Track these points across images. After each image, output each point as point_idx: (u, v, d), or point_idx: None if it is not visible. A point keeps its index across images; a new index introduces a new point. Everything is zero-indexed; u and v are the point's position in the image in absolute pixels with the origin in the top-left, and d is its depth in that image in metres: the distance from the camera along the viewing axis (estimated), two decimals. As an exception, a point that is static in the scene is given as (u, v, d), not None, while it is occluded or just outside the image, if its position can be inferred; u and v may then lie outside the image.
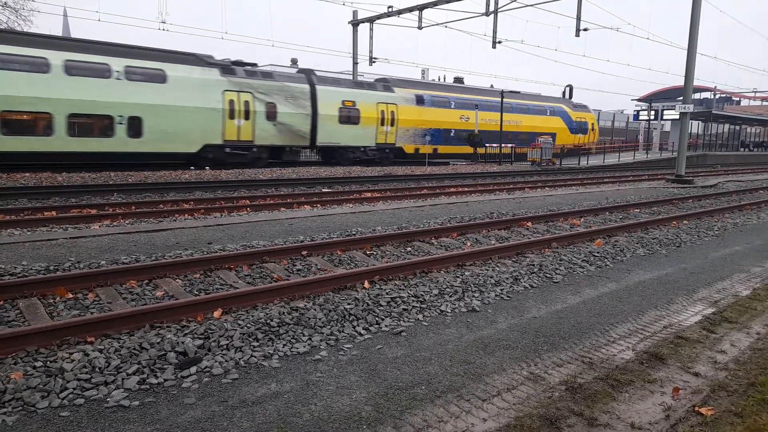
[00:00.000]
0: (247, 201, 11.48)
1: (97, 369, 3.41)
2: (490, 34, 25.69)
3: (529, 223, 9.33)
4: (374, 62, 31.04)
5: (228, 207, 10.49)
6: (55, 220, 8.56)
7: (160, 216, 9.41)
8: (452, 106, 28.71)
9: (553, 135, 32.48)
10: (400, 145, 26.71)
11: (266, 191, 14.05)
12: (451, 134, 28.76)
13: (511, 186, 16.72)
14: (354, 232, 8.24)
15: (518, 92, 34.11)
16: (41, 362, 3.48)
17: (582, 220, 10.17)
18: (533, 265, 6.57)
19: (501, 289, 5.60)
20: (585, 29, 22.68)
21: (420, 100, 27.38)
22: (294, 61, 49.70)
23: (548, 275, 6.23)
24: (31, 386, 3.17)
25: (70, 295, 4.92)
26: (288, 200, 11.83)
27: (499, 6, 24.72)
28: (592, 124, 37.90)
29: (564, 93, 38.06)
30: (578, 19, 22.57)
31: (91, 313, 4.55)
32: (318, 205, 11.36)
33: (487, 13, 24.93)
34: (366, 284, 5.46)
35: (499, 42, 25.73)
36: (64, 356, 3.58)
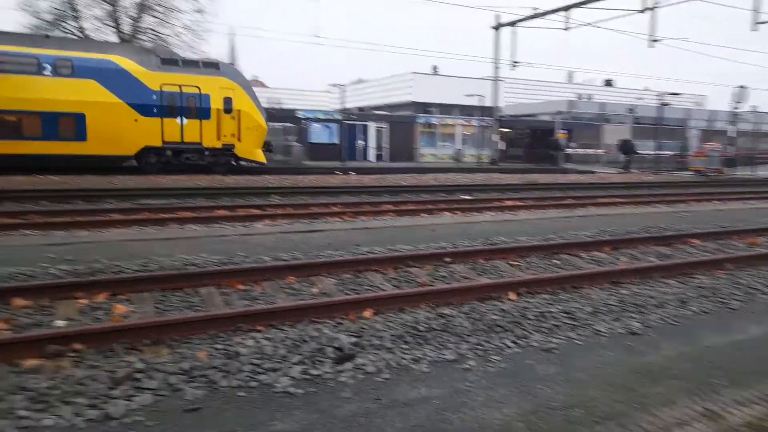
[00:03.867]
0: (391, 206, 11.86)
1: (266, 356, 3.76)
2: (646, 31, 23.65)
3: (696, 241, 8.39)
4: (516, 66, 30.30)
5: (373, 211, 10.93)
6: (226, 218, 9.60)
7: (313, 218, 10.10)
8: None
9: None
10: None
11: (407, 197, 14.39)
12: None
13: (672, 198, 15.19)
14: (497, 241, 8.09)
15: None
16: (221, 345, 3.92)
17: (762, 239, 8.89)
18: (703, 287, 5.89)
19: (665, 312, 5.10)
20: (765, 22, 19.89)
21: None
22: (435, 69, 50.38)
23: (723, 300, 5.54)
24: (213, 365, 3.59)
25: (241, 287, 5.48)
26: (428, 206, 11.99)
27: (656, 1, 22.68)
28: None
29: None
30: (756, 10, 19.87)
31: (260, 304, 5.01)
32: (458, 212, 11.35)
33: (642, 10, 23.01)
34: (512, 296, 5.32)
35: (657, 40, 23.59)
36: (238, 341, 4.00)
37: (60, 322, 4.39)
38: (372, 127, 32.68)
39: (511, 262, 6.86)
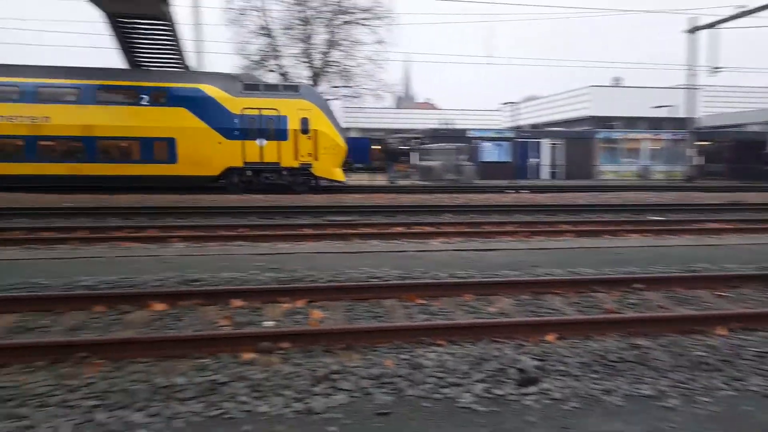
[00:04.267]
0: (569, 226, 11.26)
1: (448, 370, 3.84)
2: None
3: None
4: (718, 72, 26.77)
5: (549, 231, 10.50)
6: (403, 234, 10.04)
7: (486, 236, 10.04)
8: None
9: None
10: None
11: (587, 217, 13.52)
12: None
13: None
14: (697, 268, 7.18)
15: None
16: (405, 355, 4.11)
17: None
18: None
19: None
20: None
21: None
22: (616, 80, 46.90)
23: None
24: (399, 374, 3.77)
25: (420, 301, 5.67)
26: (611, 227, 11.11)
27: None
28: None
29: None
30: None
31: (439, 319, 5.14)
32: (648, 234, 10.33)
33: None
34: (722, 331, 4.67)
35: None
36: (421, 353, 4.15)
37: (268, 323, 5.01)
38: (546, 143, 31.51)
39: (717, 293, 6.03)
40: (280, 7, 29.36)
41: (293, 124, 19.10)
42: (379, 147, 32.29)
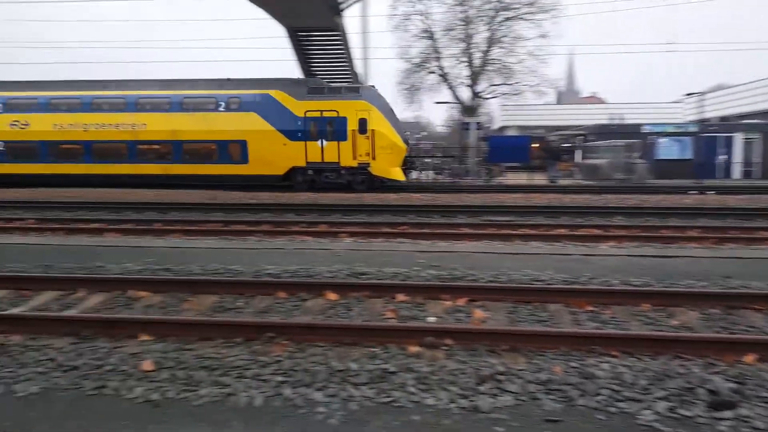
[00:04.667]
0: (769, 233, 9.71)
1: (625, 384, 3.57)
2: None
3: None
4: None
5: (743, 238, 9.16)
6: (567, 237, 9.55)
7: (665, 242, 9.11)
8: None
9: None
10: None
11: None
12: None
13: None
14: None
15: None
16: (575, 363, 3.91)
17: None
18: None
19: None
20: None
21: None
22: None
23: None
24: (569, 382, 3.61)
25: (589, 308, 5.35)
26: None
27: None
28: None
29: None
30: None
31: (612, 328, 4.80)
32: None
33: None
34: None
35: None
36: (593, 363, 3.92)
37: (431, 318, 5.14)
38: (738, 138, 27.43)
39: None
40: (442, 9, 29.88)
41: (352, 125, 19.49)
42: (538, 145, 31.02)
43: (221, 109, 20.04)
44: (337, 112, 19.64)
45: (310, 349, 4.31)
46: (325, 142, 19.70)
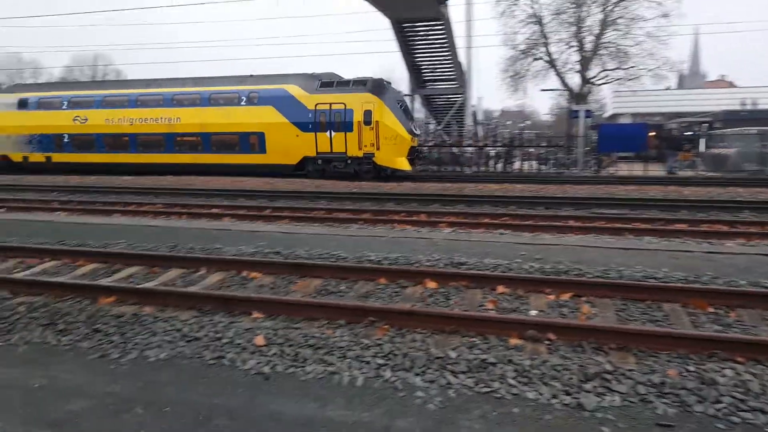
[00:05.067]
0: None
1: (751, 393, 3.26)
2: None
3: None
4: None
5: None
6: (686, 232, 8.80)
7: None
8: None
9: None
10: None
11: None
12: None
13: None
14: None
15: None
16: (693, 367, 3.63)
17: None
18: None
19: None
20: None
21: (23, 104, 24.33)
22: None
23: None
24: (685, 387, 3.36)
25: (711, 310, 4.92)
26: None
27: None
28: None
29: None
30: None
31: (736, 332, 4.39)
32: None
33: None
34: None
35: None
36: (713, 368, 3.61)
37: (533, 312, 5.01)
38: None
39: None
40: (552, -8, 28.59)
41: (358, 117, 20.25)
42: (656, 133, 28.70)
43: (243, 103, 21.74)
44: (345, 104, 20.57)
45: (409, 335, 4.39)
46: (333, 133, 20.73)
